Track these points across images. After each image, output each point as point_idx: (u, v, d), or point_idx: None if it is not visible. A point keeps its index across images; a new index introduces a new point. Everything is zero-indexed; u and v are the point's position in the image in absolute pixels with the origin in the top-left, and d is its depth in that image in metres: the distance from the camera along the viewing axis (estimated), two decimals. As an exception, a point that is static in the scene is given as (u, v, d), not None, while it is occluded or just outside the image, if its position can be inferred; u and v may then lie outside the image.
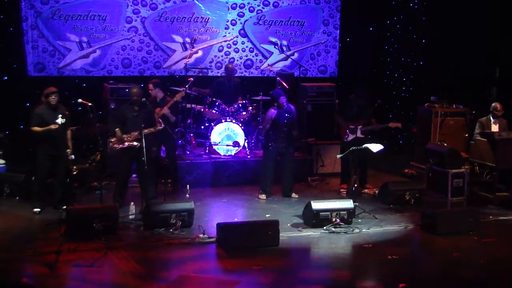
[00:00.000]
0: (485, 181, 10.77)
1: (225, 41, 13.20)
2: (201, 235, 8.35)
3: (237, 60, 13.31)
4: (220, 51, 13.22)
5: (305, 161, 11.84)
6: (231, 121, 11.44)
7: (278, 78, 12.12)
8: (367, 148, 9.62)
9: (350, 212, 9.05)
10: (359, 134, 10.73)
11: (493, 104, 11.09)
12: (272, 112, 10.36)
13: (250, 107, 11.77)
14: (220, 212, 9.84)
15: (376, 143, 9.77)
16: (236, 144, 11.44)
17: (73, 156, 9.29)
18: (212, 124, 11.49)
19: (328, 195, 10.55)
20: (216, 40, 13.15)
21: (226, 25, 13.19)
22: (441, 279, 7.42)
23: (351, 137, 10.78)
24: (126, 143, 9.26)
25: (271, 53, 13.52)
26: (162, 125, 9.53)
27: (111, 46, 12.49)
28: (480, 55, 12.95)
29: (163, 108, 10.14)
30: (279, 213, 9.54)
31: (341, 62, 13.98)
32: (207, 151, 11.53)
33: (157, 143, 10.14)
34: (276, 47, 13.45)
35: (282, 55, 13.45)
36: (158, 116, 9.91)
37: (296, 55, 13.59)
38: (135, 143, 9.21)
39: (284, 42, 13.54)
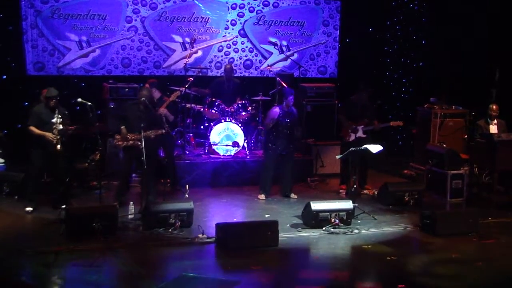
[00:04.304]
0: (484, 182, 10.78)
1: (224, 41, 13.20)
2: (200, 235, 8.34)
3: (237, 60, 13.31)
4: (219, 51, 13.22)
5: (305, 161, 11.84)
6: (230, 121, 11.44)
7: (277, 79, 12.11)
8: (366, 149, 9.62)
9: (349, 213, 9.05)
10: (361, 134, 10.73)
11: (489, 105, 11.11)
12: (276, 111, 10.34)
13: (250, 107, 11.76)
14: (219, 212, 9.83)
15: (376, 144, 9.77)
16: (235, 144, 11.44)
17: (58, 147, 9.15)
18: (212, 124, 11.49)
19: (328, 195, 10.54)
20: (215, 40, 13.14)
21: (226, 25, 13.19)
22: (440, 280, 7.41)
23: (352, 137, 10.78)
24: (131, 142, 9.23)
25: (271, 53, 13.52)
26: (166, 128, 9.51)
27: (110, 45, 12.48)
28: (480, 56, 12.96)
29: (159, 108, 10.13)
30: (278, 214, 9.53)
31: (340, 63, 13.99)
32: (206, 151, 11.52)
33: (156, 143, 10.13)
34: (276, 47, 13.45)
35: (282, 56, 13.45)
36: None
37: (295, 55, 13.59)
38: (139, 143, 9.19)
39: (284, 43, 13.54)
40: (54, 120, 9.13)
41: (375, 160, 11.17)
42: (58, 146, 9.06)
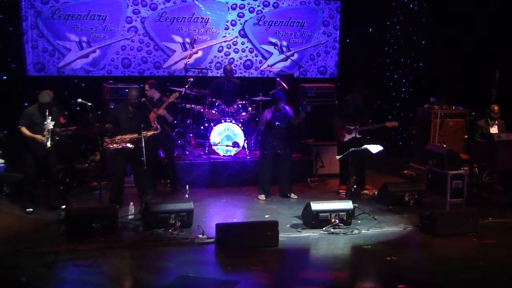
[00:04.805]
0: (484, 182, 10.78)
1: (225, 41, 13.20)
2: (200, 236, 8.34)
3: (237, 61, 13.31)
4: (220, 51, 13.22)
5: (305, 162, 11.84)
6: (230, 121, 11.44)
7: (277, 79, 12.12)
8: (366, 149, 9.62)
9: (349, 213, 9.05)
10: (355, 134, 10.73)
11: (490, 106, 11.12)
12: (266, 114, 10.39)
13: (250, 108, 11.77)
14: (219, 212, 9.84)
15: (376, 144, 9.77)
16: (235, 144, 11.44)
17: (48, 144, 9.09)
18: (212, 124, 11.49)
19: (328, 196, 10.54)
20: (216, 41, 13.15)
21: (226, 25, 13.19)
22: (440, 280, 7.41)
23: (348, 137, 10.79)
24: (123, 144, 9.23)
25: (271, 53, 13.53)
26: (159, 129, 9.51)
27: (111, 46, 12.49)
28: (480, 56, 12.96)
29: (159, 109, 10.13)
30: (278, 214, 9.54)
31: (340, 63, 13.99)
32: (206, 151, 11.52)
33: (156, 144, 10.13)
34: (276, 47, 13.45)
35: (282, 56, 13.45)
36: (154, 117, 9.89)
37: (295, 55, 13.59)
38: (129, 145, 9.19)
39: (284, 43, 13.54)
40: (45, 122, 9.13)
41: (375, 160, 11.18)
42: (49, 143, 9.04)
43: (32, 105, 9.43)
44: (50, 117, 9.12)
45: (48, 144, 9.03)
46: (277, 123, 10.33)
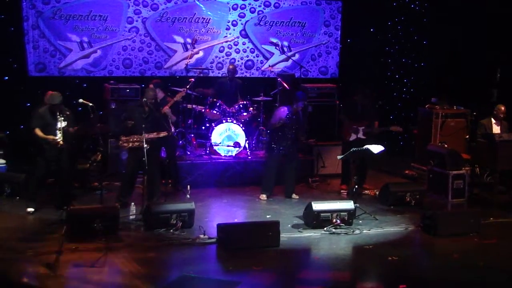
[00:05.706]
0: (485, 182, 10.78)
1: (226, 41, 13.20)
2: (201, 236, 8.35)
3: (238, 61, 13.31)
4: (221, 51, 13.22)
5: (306, 162, 11.84)
6: (232, 121, 11.45)
7: (279, 79, 12.12)
8: (368, 149, 9.62)
9: (351, 213, 9.05)
10: (361, 135, 10.73)
11: (496, 106, 11.10)
12: (284, 111, 10.33)
13: (251, 108, 11.77)
14: (220, 212, 9.84)
15: (377, 144, 9.77)
16: (236, 144, 11.44)
17: (60, 140, 9.15)
18: (213, 124, 11.50)
19: (329, 196, 10.55)
20: (217, 41, 13.15)
21: (227, 25, 13.19)
22: (441, 280, 7.41)
23: (353, 137, 10.79)
24: (136, 143, 9.22)
25: (272, 54, 13.52)
26: (172, 130, 9.49)
27: (112, 46, 12.48)
28: (481, 56, 12.96)
29: (163, 108, 10.13)
30: (279, 214, 9.54)
31: (342, 63, 13.98)
32: (207, 151, 11.53)
33: (158, 144, 10.12)
34: (277, 48, 13.44)
35: (283, 56, 13.44)
36: None
37: (297, 56, 13.59)
38: (145, 145, 9.17)
39: (285, 43, 13.54)
40: (58, 122, 9.15)
41: (376, 161, 11.17)
42: (61, 141, 9.07)
43: (42, 107, 9.41)
44: (62, 117, 9.14)
45: (61, 142, 9.05)
46: (290, 122, 10.28)
